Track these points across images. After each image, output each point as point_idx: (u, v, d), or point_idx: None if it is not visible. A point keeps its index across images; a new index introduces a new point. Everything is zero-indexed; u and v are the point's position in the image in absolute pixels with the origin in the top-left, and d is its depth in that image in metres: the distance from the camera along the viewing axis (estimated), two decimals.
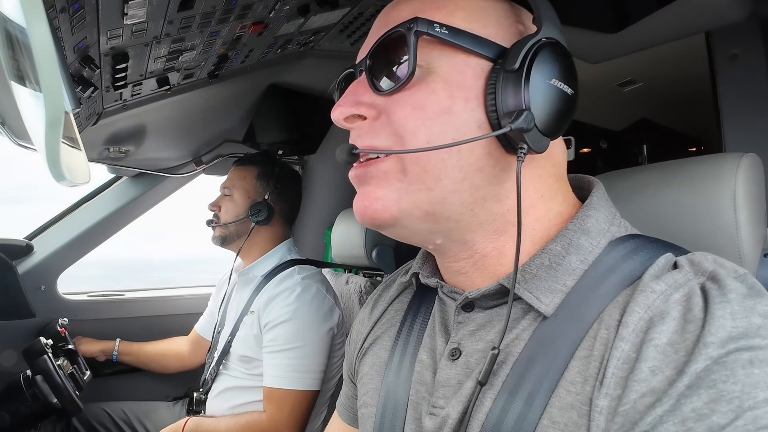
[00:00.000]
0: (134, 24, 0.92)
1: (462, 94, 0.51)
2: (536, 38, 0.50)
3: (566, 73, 0.52)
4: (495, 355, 0.50)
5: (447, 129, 0.51)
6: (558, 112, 0.51)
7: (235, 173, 1.73)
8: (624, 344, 0.44)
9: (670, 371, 0.41)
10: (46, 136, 0.42)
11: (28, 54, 0.43)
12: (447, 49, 0.52)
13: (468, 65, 0.52)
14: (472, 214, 0.54)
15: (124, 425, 1.74)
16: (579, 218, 0.54)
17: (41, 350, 1.50)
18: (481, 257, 0.56)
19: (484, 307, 0.57)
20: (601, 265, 0.52)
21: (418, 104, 0.51)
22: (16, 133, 0.94)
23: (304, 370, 1.45)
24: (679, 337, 0.42)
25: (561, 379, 0.47)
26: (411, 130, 0.51)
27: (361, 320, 0.77)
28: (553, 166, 0.57)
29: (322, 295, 1.55)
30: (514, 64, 0.49)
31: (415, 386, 0.60)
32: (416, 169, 0.52)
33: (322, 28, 1.32)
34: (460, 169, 0.51)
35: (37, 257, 1.90)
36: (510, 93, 0.49)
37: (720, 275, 0.45)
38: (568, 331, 0.49)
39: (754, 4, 0.96)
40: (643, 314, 0.44)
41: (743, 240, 0.64)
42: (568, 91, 0.52)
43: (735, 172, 0.64)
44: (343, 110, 0.54)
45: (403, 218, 0.53)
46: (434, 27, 0.50)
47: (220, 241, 1.70)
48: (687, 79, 2.29)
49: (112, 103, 1.28)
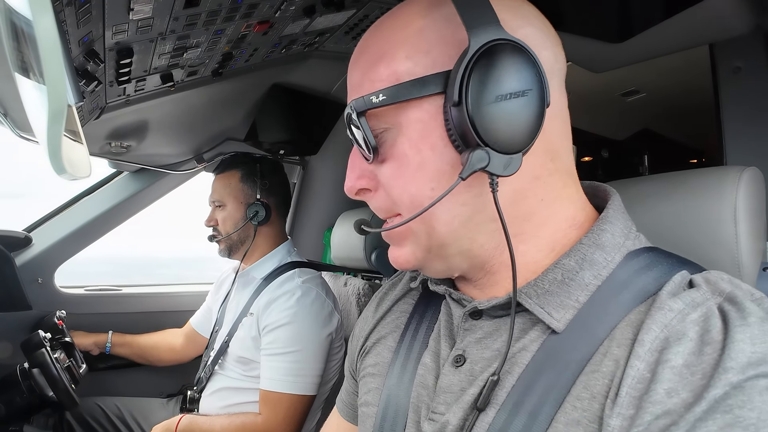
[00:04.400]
0: (140, 20, 0.92)
1: (427, 144, 0.51)
2: (467, 58, 0.46)
3: (513, 79, 0.46)
4: (495, 381, 0.50)
5: (424, 183, 0.52)
6: (518, 126, 0.47)
7: (219, 182, 1.70)
8: (639, 363, 0.43)
9: (687, 394, 0.40)
10: (48, 128, 0.42)
11: (33, 46, 0.44)
12: (398, 107, 0.51)
13: (422, 110, 0.51)
14: (473, 241, 0.54)
15: (117, 420, 1.74)
16: (594, 232, 0.53)
17: (39, 343, 1.50)
18: (494, 272, 0.57)
19: (492, 315, 0.57)
20: (614, 281, 0.51)
21: (397, 173, 0.54)
22: (18, 125, 0.94)
23: (301, 374, 1.44)
24: (696, 359, 0.41)
25: (568, 394, 0.47)
26: (398, 197, 0.54)
27: (364, 318, 0.77)
28: (552, 160, 0.53)
29: (321, 299, 1.55)
30: (453, 98, 0.46)
31: (417, 389, 0.60)
32: (417, 226, 0.55)
33: (327, 29, 1.32)
34: (447, 211, 0.52)
35: (35, 249, 1.89)
36: (462, 128, 0.47)
37: (738, 297, 0.44)
38: (577, 347, 0.48)
39: (759, 18, 0.96)
40: (660, 333, 0.44)
41: (743, 253, 0.64)
42: (522, 96, 0.46)
43: (736, 186, 0.64)
44: (351, 187, 0.58)
45: (424, 263, 0.58)
46: (371, 100, 0.51)
47: (227, 253, 1.69)
48: (689, 91, 2.29)
49: (115, 98, 1.28)
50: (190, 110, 1.58)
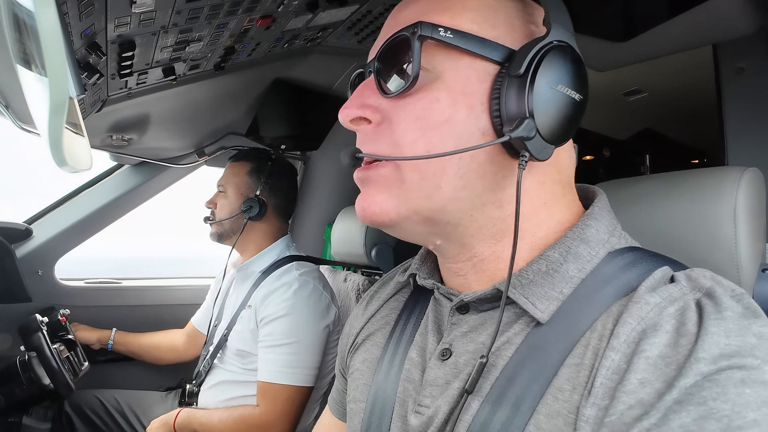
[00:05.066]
0: (142, 12, 0.91)
1: (466, 101, 0.50)
2: (544, 41, 0.49)
3: (574, 79, 0.50)
4: (483, 363, 0.50)
5: (447, 138, 0.50)
6: (563, 119, 0.50)
7: (229, 170, 1.74)
8: (615, 354, 0.44)
9: (659, 384, 0.41)
10: (50, 120, 0.42)
11: (34, 38, 0.43)
12: (452, 53, 0.51)
13: (473, 69, 0.51)
14: (472, 219, 0.53)
15: (116, 413, 1.74)
16: (579, 227, 0.54)
17: (36, 327, 1.51)
18: (480, 261, 0.56)
19: (478, 309, 0.57)
20: (598, 275, 0.51)
21: (421, 114, 0.51)
22: (19, 117, 0.94)
23: (298, 366, 1.45)
24: (670, 351, 0.42)
25: (549, 386, 0.47)
26: (410, 141, 0.51)
27: (355, 315, 0.77)
28: (558, 173, 0.56)
29: (319, 291, 1.55)
30: (519, 69, 0.48)
31: (403, 384, 0.60)
32: (415, 177, 0.52)
33: (330, 24, 1.31)
34: (460, 177, 0.51)
35: (35, 241, 1.90)
36: (513, 99, 0.48)
37: (717, 293, 0.45)
38: (560, 338, 0.49)
39: (763, 18, 0.96)
40: (636, 325, 0.44)
41: (742, 254, 0.64)
42: (576, 97, 0.51)
43: (736, 186, 0.64)
44: (348, 112, 0.54)
45: (402, 222, 0.54)
46: (438, 31, 0.49)
47: (216, 238, 1.71)
48: (692, 91, 2.29)
49: (117, 91, 1.28)
50: (192, 104, 1.58)
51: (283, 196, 1.75)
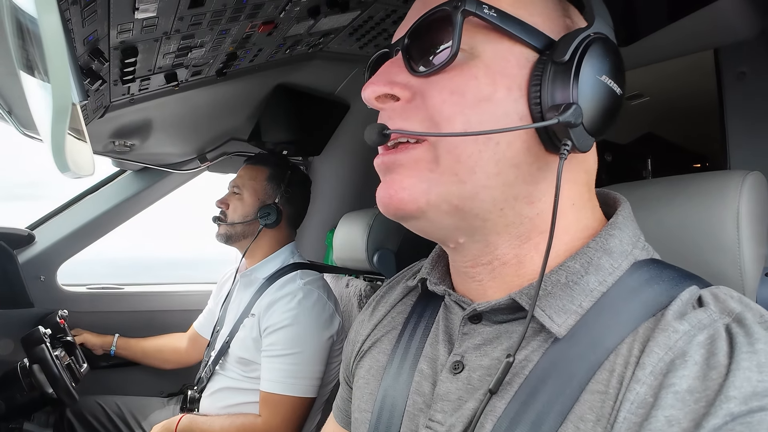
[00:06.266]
0: (145, 19, 0.92)
1: (505, 82, 0.48)
2: (587, 32, 0.47)
3: (616, 71, 0.49)
4: (510, 363, 0.47)
5: (486, 118, 0.47)
6: (605, 111, 0.48)
7: (246, 172, 1.71)
8: (639, 387, 0.41)
9: (687, 423, 0.38)
10: (53, 126, 0.42)
11: (37, 44, 0.44)
12: (492, 34, 0.48)
13: (513, 53, 0.48)
14: (501, 214, 0.50)
15: (118, 419, 1.74)
16: (602, 236, 0.51)
17: (39, 339, 1.51)
18: (500, 264, 0.53)
19: (492, 320, 0.54)
20: (621, 289, 0.49)
21: (458, 89, 0.48)
22: (22, 123, 0.94)
23: (301, 377, 1.44)
24: (700, 384, 0.39)
25: (570, 412, 0.44)
26: (447, 116, 0.48)
27: (360, 321, 0.75)
28: (586, 173, 0.54)
29: (323, 301, 1.54)
30: (563, 56, 0.46)
31: (413, 396, 0.58)
32: (450, 159, 0.48)
33: (331, 30, 1.32)
34: (495, 163, 0.48)
35: (38, 247, 1.90)
36: (557, 86, 0.46)
37: (747, 320, 0.42)
38: (582, 356, 0.46)
39: (765, 22, 0.96)
40: (663, 355, 0.42)
41: (745, 258, 0.63)
42: (617, 89, 0.49)
43: (739, 190, 0.64)
44: (375, 89, 0.51)
45: (430, 211, 0.50)
46: (483, 8, 0.47)
47: (224, 239, 1.69)
48: (694, 95, 2.29)
49: (120, 97, 1.28)
50: (194, 110, 1.59)
51: (298, 207, 1.74)
